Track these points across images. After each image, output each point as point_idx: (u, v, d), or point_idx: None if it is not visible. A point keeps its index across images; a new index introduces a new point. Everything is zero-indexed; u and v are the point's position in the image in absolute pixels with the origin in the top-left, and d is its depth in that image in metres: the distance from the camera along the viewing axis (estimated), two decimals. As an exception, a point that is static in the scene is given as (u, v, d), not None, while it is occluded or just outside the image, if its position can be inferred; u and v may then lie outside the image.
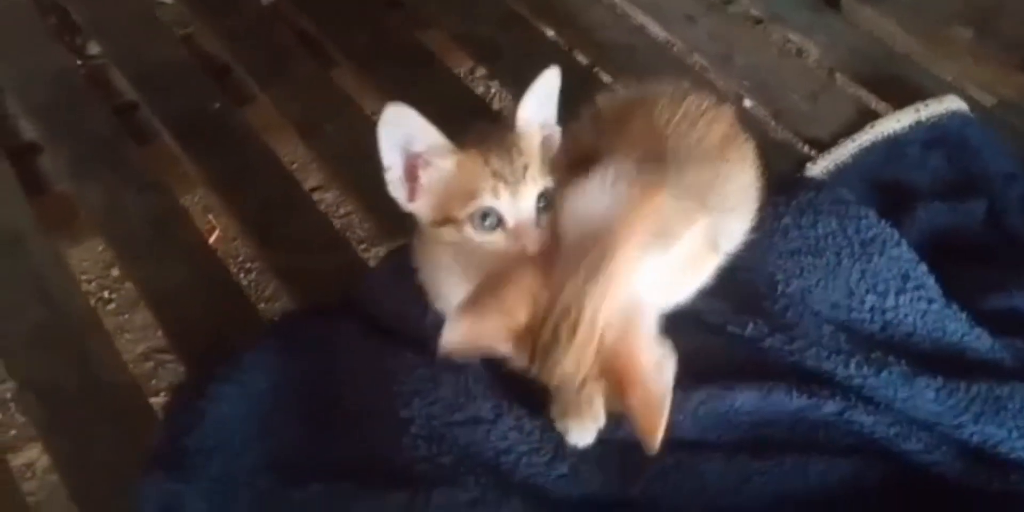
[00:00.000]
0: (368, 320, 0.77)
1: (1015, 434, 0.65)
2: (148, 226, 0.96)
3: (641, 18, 1.16)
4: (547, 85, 0.66)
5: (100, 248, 1.11)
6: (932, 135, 0.99)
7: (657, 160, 0.62)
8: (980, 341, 0.71)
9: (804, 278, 0.71)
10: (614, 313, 0.53)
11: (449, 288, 0.68)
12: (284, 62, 1.11)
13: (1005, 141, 0.99)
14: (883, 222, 0.74)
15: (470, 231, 0.65)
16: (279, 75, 1.09)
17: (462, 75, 1.17)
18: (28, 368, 0.86)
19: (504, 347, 0.54)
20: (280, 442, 0.70)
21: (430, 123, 0.64)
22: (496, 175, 0.63)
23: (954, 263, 0.83)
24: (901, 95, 1.04)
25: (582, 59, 1.10)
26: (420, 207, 0.68)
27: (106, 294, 1.20)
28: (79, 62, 1.17)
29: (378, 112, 0.66)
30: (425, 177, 0.66)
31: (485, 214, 0.64)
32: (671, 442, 0.68)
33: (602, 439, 0.68)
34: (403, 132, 0.65)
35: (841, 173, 0.95)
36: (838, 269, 0.71)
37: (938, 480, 0.66)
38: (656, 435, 0.51)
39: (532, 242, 0.63)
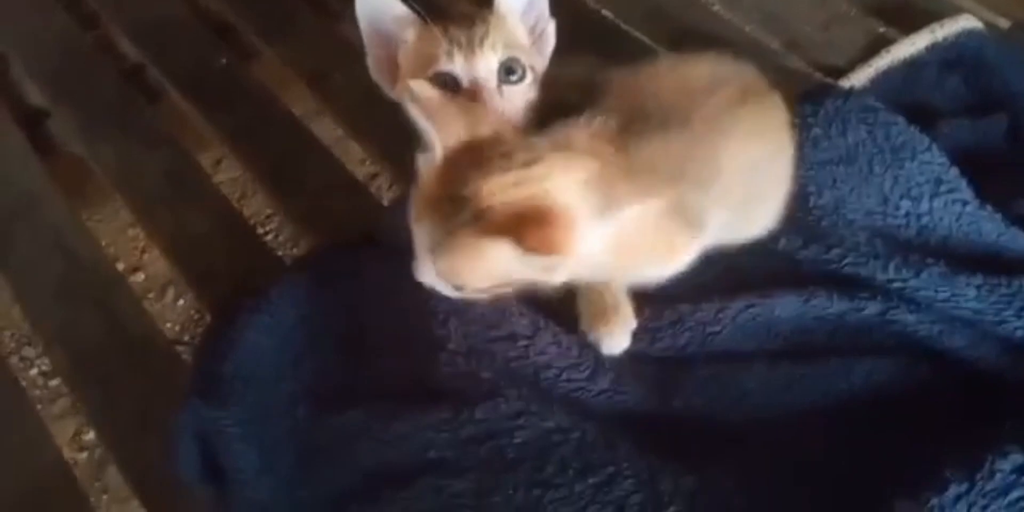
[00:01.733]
0: (391, 249, 0.77)
1: (1059, 327, 0.65)
2: (163, 182, 0.95)
3: (645, -43, 1.15)
4: None
5: (116, 207, 1.10)
6: (949, 56, 0.98)
7: (649, 120, 0.58)
8: (1016, 241, 0.71)
9: (837, 188, 0.70)
10: None
11: None
12: (287, 17, 1.10)
13: (1022, 60, 0.98)
14: (912, 127, 0.73)
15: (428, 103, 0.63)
16: (283, 30, 1.08)
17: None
18: (54, 323, 0.85)
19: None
20: (314, 370, 0.69)
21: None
22: (452, 41, 0.63)
23: (980, 176, 0.82)
24: (914, 22, 1.02)
25: (590, 2, 1.08)
26: (399, 91, 0.68)
27: (123, 270, 1.20)
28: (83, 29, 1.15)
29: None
30: (401, 58, 0.67)
31: (443, 80, 0.64)
32: (709, 354, 0.69)
33: (639, 354, 0.68)
34: (372, 5, 0.66)
35: (860, 96, 0.94)
36: (870, 177, 0.70)
37: (983, 375, 0.65)
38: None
39: (491, 107, 0.62)
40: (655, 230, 0.57)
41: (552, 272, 0.54)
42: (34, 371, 1.25)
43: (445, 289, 0.58)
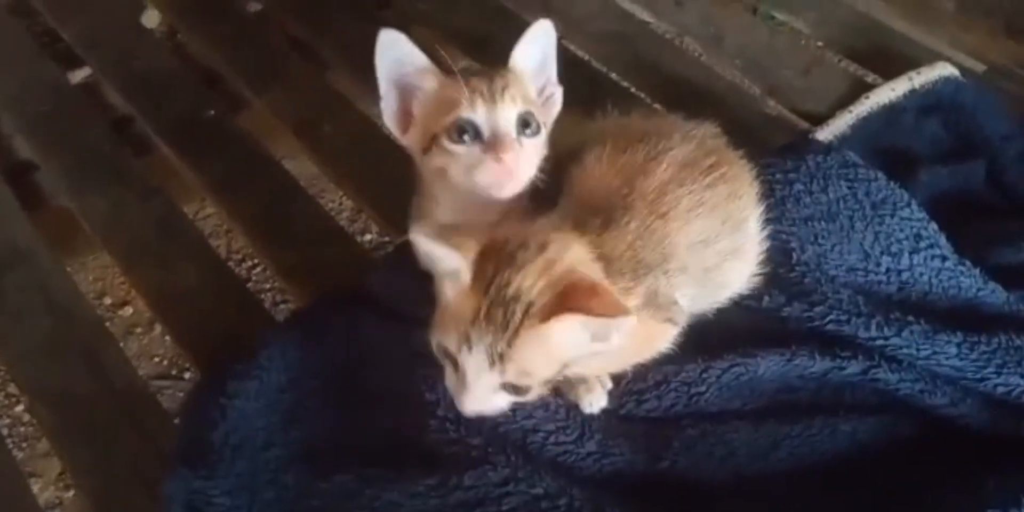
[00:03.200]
0: (383, 308, 0.77)
1: (1039, 383, 0.65)
2: (151, 234, 0.95)
3: (628, 6, 1.17)
4: (539, 35, 0.68)
5: (103, 261, 1.11)
6: (927, 102, 1.00)
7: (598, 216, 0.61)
8: (995, 295, 0.72)
9: (819, 244, 0.71)
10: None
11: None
12: (276, 67, 1.11)
13: (999, 105, 1.00)
14: (892, 183, 0.74)
15: (448, 144, 0.66)
16: (272, 80, 1.09)
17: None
18: (40, 379, 0.85)
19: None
20: (304, 434, 0.69)
21: (418, 48, 0.67)
22: (474, 90, 0.65)
23: (959, 223, 0.83)
24: (891, 67, 1.05)
25: (575, 49, 1.10)
26: (412, 138, 0.69)
27: (111, 305, 1.20)
28: (70, 78, 1.16)
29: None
30: (416, 106, 0.68)
31: (462, 127, 0.65)
32: (695, 414, 0.69)
33: (626, 415, 0.68)
34: (394, 57, 0.67)
35: (841, 144, 0.95)
36: (852, 233, 0.71)
37: (965, 433, 0.66)
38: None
39: (510, 157, 0.63)
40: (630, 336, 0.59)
41: (609, 339, 0.56)
42: (19, 408, 1.24)
43: (498, 404, 0.59)
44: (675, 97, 1.05)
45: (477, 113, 0.65)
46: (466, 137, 0.65)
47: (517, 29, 1.11)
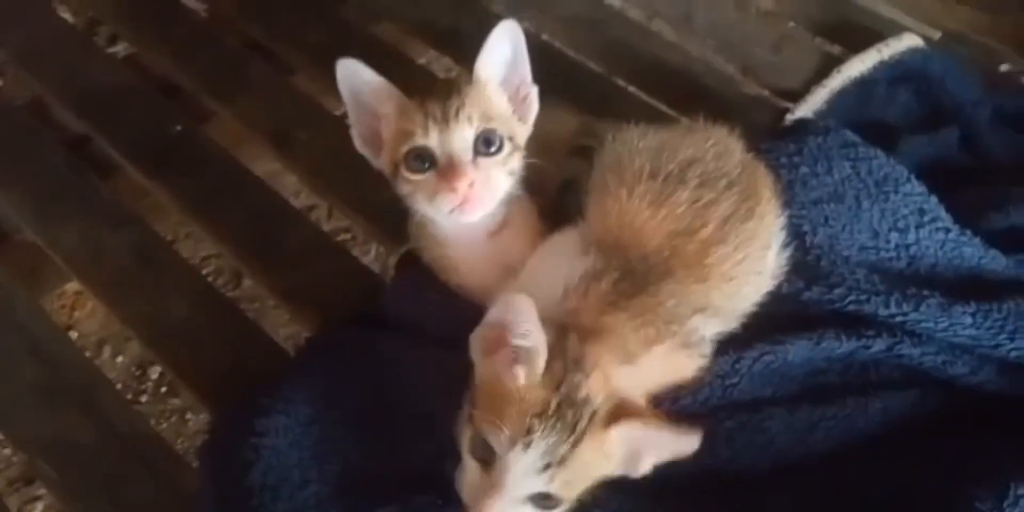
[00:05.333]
0: (398, 328, 0.75)
1: (1049, 343, 0.69)
2: (131, 264, 0.90)
3: (596, -9, 1.16)
4: (504, 36, 0.65)
5: (75, 293, 1.04)
6: (896, 73, 1.02)
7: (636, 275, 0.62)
8: (996, 261, 0.74)
9: (829, 226, 0.72)
10: None
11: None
12: (238, 73, 1.06)
13: (965, 71, 1.03)
14: (891, 160, 0.76)
15: (407, 173, 0.65)
16: (235, 87, 1.04)
17: (426, 64, 1.14)
18: (35, 430, 0.80)
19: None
20: (339, 467, 0.67)
21: (377, 74, 0.65)
22: (428, 114, 0.63)
23: (943, 191, 0.86)
24: (856, 40, 1.07)
25: (546, 37, 1.08)
26: (383, 163, 0.68)
27: (95, 340, 1.13)
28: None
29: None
30: (385, 132, 0.67)
31: (418, 154, 0.64)
32: (730, 406, 0.70)
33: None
34: (354, 86, 0.66)
35: (819, 119, 0.97)
36: (859, 212, 0.72)
37: (988, 400, 0.69)
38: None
39: (464, 184, 0.62)
40: (665, 365, 0.61)
41: (640, 467, 0.58)
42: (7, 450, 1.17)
43: None
44: (652, 81, 1.05)
45: (430, 138, 0.63)
46: (421, 163, 0.64)
47: (486, 18, 1.10)
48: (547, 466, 0.54)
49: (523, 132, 0.69)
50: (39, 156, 0.99)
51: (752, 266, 0.65)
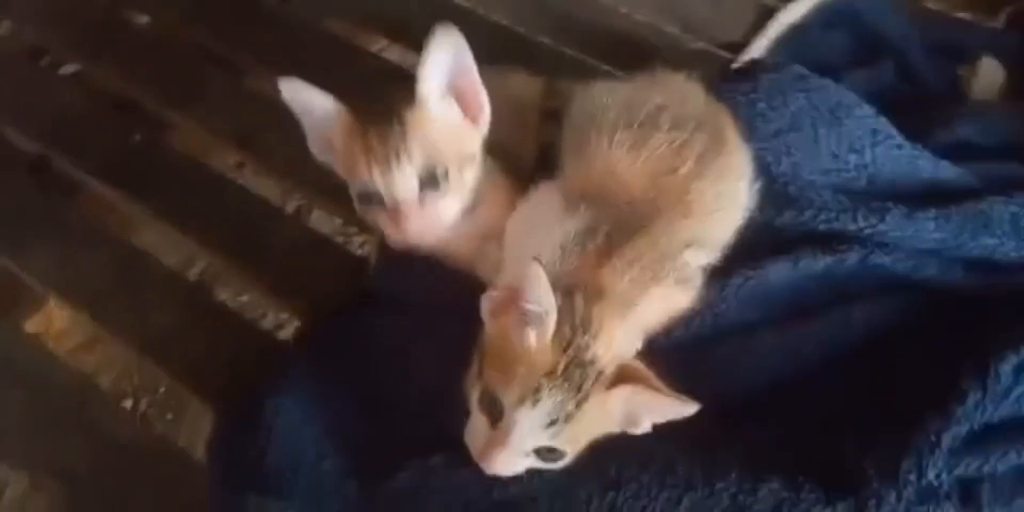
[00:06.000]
0: (392, 304, 0.76)
1: (1003, 239, 0.73)
2: (112, 279, 0.89)
3: (533, -33, 1.18)
4: (441, 49, 0.63)
5: (55, 315, 1.03)
6: (829, 16, 1.07)
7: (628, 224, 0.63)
8: (948, 171, 0.79)
9: (791, 154, 0.75)
10: None
11: None
12: (191, 80, 1.06)
13: (891, 7, 1.09)
14: (840, 87, 0.80)
15: (359, 206, 0.66)
16: (192, 95, 1.04)
17: (380, 51, 1.15)
18: (34, 457, 0.79)
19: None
20: (354, 439, 0.68)
21: (322, 92, 0.65)
22: (369, 152, 0.63)
23: (891, 117, 0.91)
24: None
25: (497, 18, 1.10)
26: (340, 172, 0.68)
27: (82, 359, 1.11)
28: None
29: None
30: (335, 143, 0.67)
31: (364, 194, 0.65)
32: (721, 333, 0.73)
33: (655, 347, 0.70)
34: (299, 101, 0.66)
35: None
36: (818, 138, 0.76)
37: (960, 299, 0.73)
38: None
39: (411, 224, 0.63)
40: (665, 304, 0.64)
41: (640, 424, 0.60)
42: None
43: (518, 469, 0.59)
44: (600, 47, 1.08)
45: (374, 179, 0.63)
46: (370, 200, 0.65)
47: (435, 6, 1.12)
48: (553, 422, 0.56)
49: (476, 136, 0.68)
50: (0, 182, 0.98)
51: (729, 198, 0.68)
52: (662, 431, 0.61)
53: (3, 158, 1.02)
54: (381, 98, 0.66)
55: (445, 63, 0.65)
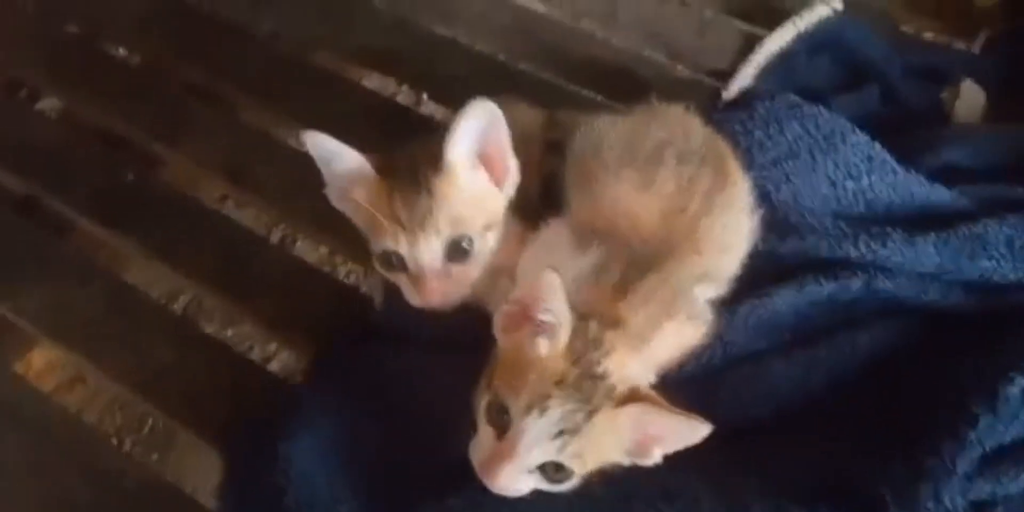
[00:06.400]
0: (395, 339, 0.75)
1: (1000, 262, 0.75)
2: (105, 318, 0.87)
3: (520, 0, 1.20)
4: (475, 120, 0.63)
5: (38, 356, 1.00)
6: (814, 42, 1.09)
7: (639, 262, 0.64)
8: (941, 195, 0.80)
9: (790, 182, 0.76)
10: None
11: None
12: (179, 115, 1.04)
13: (872, 32, 1.11)
14: (834, 115, 0.81)
15: (379, 266, 0.66)
16: (181, 130, 1.02)
17: (370, 86, 1.15)
18: (32, 504, 0.76)
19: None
20: (369, 479, 0.67)
21: (346, 146, 0.65)
22: (395, 220, 0.63)
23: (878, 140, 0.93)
24: (771, 19, 1.14)
25: (481, 48, 1.11)
26: (359, 224, 0.69)
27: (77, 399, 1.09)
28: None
29: (304, 146, 0.66)
30: (356, 197, 0.67)
31: (388, 258, 0.65)
32: (730, 363, 0.73)
33: (669, 380, 0.70)
34: (321, 154, 0.66)
35: (754, 92, 1.02)
36: (815, 165, 0.77)
37: (962, 320, 0.74)
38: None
39: (434, 295, 0.63)
40: (678, 339, 0.65)
41: (651, 456, 0.60)
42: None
43: (522, 488, 0.58)
44: (589, 76, 1.09)
45: (400, 246, 0.63)
46: (393, 263, 0.65)
47: (420, 38, 1.12)
48: (561, 433, 0.55)
49: (501, 200, 0.69)
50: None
51: (735, 230, 0.69)
52: (681, 464, 0.61)
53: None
54: (403, 148, 0.66)
55: (476, 131, 0.65)
